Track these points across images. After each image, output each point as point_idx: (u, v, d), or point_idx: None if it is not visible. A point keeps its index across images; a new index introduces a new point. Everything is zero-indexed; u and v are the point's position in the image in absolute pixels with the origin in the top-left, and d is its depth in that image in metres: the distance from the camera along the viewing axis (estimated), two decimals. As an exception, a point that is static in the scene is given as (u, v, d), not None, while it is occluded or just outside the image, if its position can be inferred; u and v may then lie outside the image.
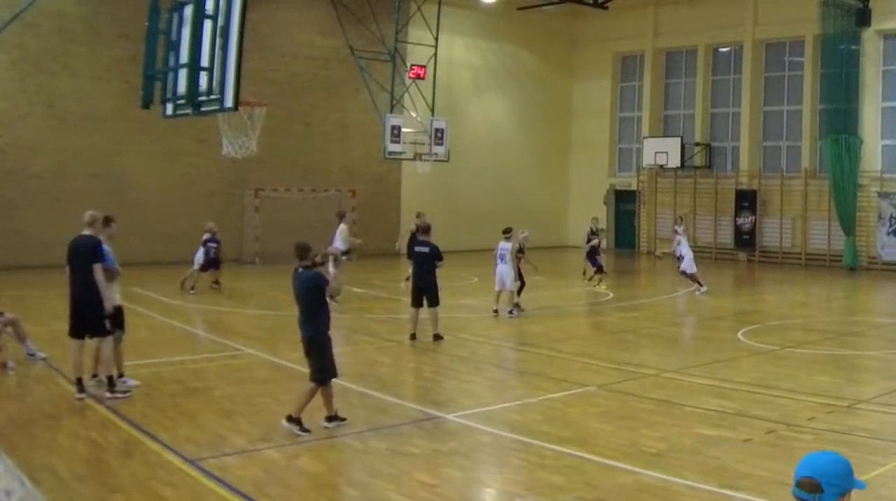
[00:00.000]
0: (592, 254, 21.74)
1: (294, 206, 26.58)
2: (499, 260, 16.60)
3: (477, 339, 14.49)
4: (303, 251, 8.95)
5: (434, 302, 14.09)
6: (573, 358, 12.94)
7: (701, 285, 20.19)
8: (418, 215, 19.30)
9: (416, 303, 14.13)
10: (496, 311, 16.70)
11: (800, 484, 2.95)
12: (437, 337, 14.04)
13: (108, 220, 10.75)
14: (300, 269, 8.91)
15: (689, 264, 20.29)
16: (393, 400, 9.94)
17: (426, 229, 14.54)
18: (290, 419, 8.49)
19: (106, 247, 10.23)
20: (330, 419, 8.74)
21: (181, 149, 25.59)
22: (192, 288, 18.98)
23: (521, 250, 17.38)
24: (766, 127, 30.62)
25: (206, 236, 19.48)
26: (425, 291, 14.07)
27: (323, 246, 15.56)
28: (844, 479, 2.95)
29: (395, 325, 16.39)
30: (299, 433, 8.38)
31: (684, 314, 17.84)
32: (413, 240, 14.89)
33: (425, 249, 14.19)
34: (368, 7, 25.04)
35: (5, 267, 21.17)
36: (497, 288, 16.73)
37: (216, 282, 19.54)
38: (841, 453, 3.05)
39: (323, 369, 8.74)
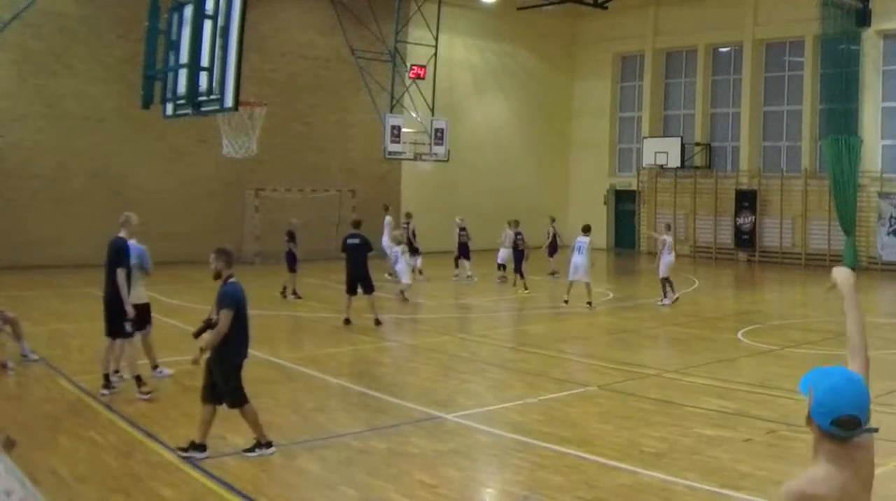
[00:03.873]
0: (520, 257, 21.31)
1: (294, 206, 26.56)
2: (576, 252, 17.50)
3: (477, 339, 14.49)
4: (230, 257, 7.91)
5: (369, 288, 15.39)
6: (573, 358, 12.94)
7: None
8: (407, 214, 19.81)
9: (351, 291, 15.34)
10: (566, 301, 17.57)
11: (840, 424, 2.61)
12: (378, 322, 15.20)
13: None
14: (233, 278, 7.78)
15: None
16: (393, 400, 9.94)
17: (357, 223, 16.09)
18: (193, 446, 7.59)
19: (142, 247, 10.53)
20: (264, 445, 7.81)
21: (181, 149, 25.58)
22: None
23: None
24: (766, 127, 30.62)
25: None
26: (360, 279, 15.30)
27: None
28: (869, 406, 2.62)
29: (395, 325, 16.41)
30: (202, 455, 7.56)
31: (684, 314, 17.82)
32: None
33: (357, 240, 15.49)
34: (368, 7, 25.05)
35: (5, 267, 21.17)
36: (570, 278, 17.58)
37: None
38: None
39: (238, 389, 7.83)
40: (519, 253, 20.99)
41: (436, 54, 25.88)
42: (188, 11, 10.47)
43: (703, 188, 31.64)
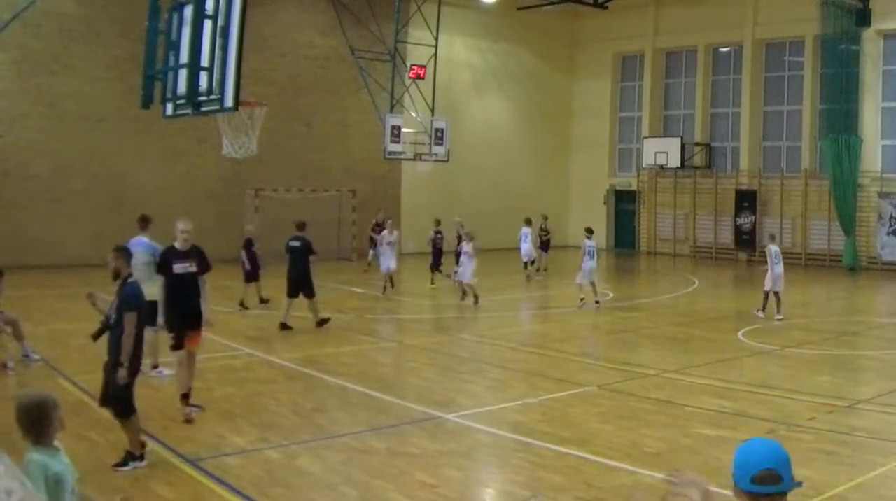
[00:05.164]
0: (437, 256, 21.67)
1: (294, 206, 26.55)
2: (588, 257, 17.63)
3: (478, 339, 14.49)
4: (130, 256, 7.72)
5: (310, 293, 14.79)
6: (573, 358, 12.94)
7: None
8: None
9: (292, 294, 14.75)
10: (598, 302, 17.85)
11: (758, 479, 2.65)
12: (323, 322, 14.75)
13: (143, 221, 11.23)
14: (132, 277, 7.61)
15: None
16: (393, 400, 9.94)
17: (301, 225, 15.32)
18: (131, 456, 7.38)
19: (156, 244, 10.81)
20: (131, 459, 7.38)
21: (181, 149, 25.58)
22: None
23: None
24: (766, 127, 30.61)
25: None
26: (300, 283, 14.73)
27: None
28: (790, 465, 2.72)
29: (396, 325, 16.41)
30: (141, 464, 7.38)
31: (684, 314, 17.83)
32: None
33: (297, 243, 14.92)
34: (368, 7, 25.04)
35: (5, 268, 21.15)
36: (589, 279, 17.71)
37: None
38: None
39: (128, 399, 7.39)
40: (437, 251, 21.52)
41: (436, 54, 25.87)
42: (188, 11, 10.45)
43: (703, 188, 31.63)
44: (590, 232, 18.34)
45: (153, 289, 10.83)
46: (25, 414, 4.35)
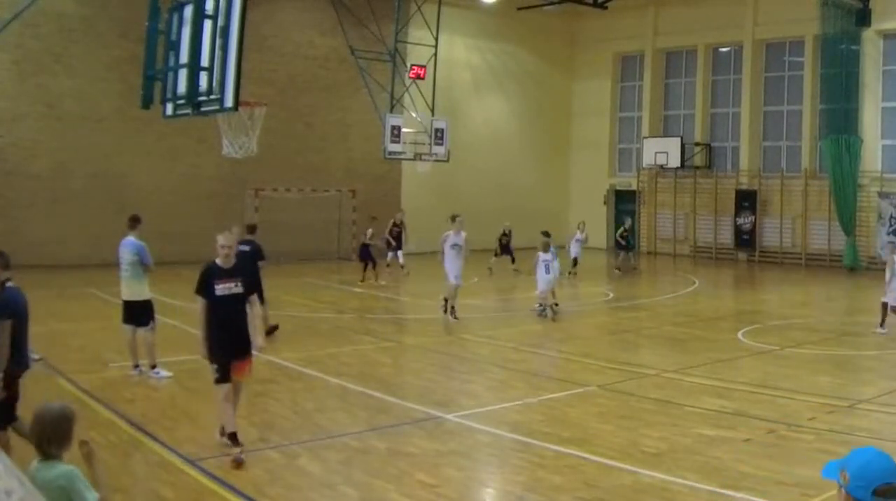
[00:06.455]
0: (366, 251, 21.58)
1: (294, 206, 26.57)
2: (543, 266, 16.78)
3: (478, 339, 14.49)
4: (5, 259, 7.22)
5: (259, 299, 13.91)
6: (573, 358, 12.94)
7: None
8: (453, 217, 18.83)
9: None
10: (556, 305, 17.28)
11: (881, 493, 2.73)
12: (272, 329, 13.86)
13: (133, 221, 11.34)
14: (10, 282, 7.11)
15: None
16: (393, 400, 9.94)
17: (252, 228, 14.52)
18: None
19: (141, 243, 11.02)
20: None
21: (181, 149, 25.57)
22: None
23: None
24: (766, 127, 30.61)
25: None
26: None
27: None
28: None
29: (396, 325, 16.41)
30: None
31: (684, 314, 17.82)
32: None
33: (246, 247, 13.84)
34: (368, 7, 25.04)
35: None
36: (546, 287, 16.90)
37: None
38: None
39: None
40: (365, 249, 21.61)
41: (436, 54, 25.86)
42: (188, 11, 10.47)
43: (703, 188, 31.63)
44: (547, 247, 17.58)
45: (141, 289, 10.95)
46: (51, 427, 4.02)
